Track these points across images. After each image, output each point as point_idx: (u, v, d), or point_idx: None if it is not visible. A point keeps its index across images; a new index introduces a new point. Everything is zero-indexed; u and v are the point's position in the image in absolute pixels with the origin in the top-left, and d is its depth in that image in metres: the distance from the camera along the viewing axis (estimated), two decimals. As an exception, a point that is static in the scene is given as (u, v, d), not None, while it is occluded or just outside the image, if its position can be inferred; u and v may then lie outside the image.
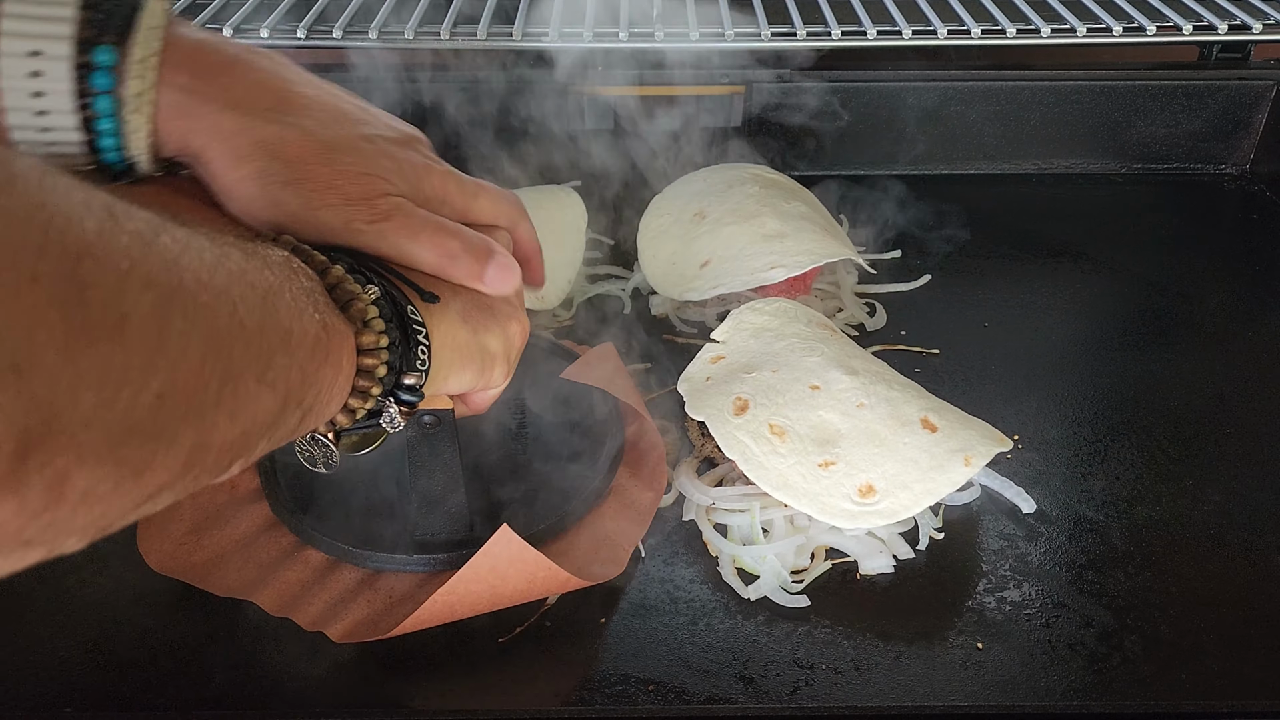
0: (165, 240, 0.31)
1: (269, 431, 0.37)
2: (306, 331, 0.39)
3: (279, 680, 0.58)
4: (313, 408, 0.42)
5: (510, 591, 0.58)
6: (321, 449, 0.51)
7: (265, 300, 0.36)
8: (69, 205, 0.27)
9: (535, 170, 1.04)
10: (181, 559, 0.63)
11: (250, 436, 0.36)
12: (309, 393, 0.40)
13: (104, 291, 0.27)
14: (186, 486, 0.34)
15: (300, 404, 0.40)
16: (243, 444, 0.35)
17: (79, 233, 0.27)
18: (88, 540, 0.31)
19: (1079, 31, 1.00)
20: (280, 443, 0.41)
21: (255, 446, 0.37)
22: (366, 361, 0.45)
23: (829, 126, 1.06)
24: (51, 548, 0.29)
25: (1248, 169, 1.12)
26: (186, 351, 0.30)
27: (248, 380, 0.34)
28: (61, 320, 0.26)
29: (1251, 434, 0.76)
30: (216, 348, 0.32)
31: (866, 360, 0.73)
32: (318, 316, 0.41)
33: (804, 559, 0.65)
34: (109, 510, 0.30)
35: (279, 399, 0.37)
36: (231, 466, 0.36)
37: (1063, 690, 0.57)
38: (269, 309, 0.36)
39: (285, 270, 0.40)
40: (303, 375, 0.39)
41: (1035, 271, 0.96)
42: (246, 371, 0.34)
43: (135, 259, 0.29)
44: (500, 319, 0.56)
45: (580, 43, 1.00)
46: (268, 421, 0.37)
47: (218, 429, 0.33)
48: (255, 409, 0.35)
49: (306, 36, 0.99)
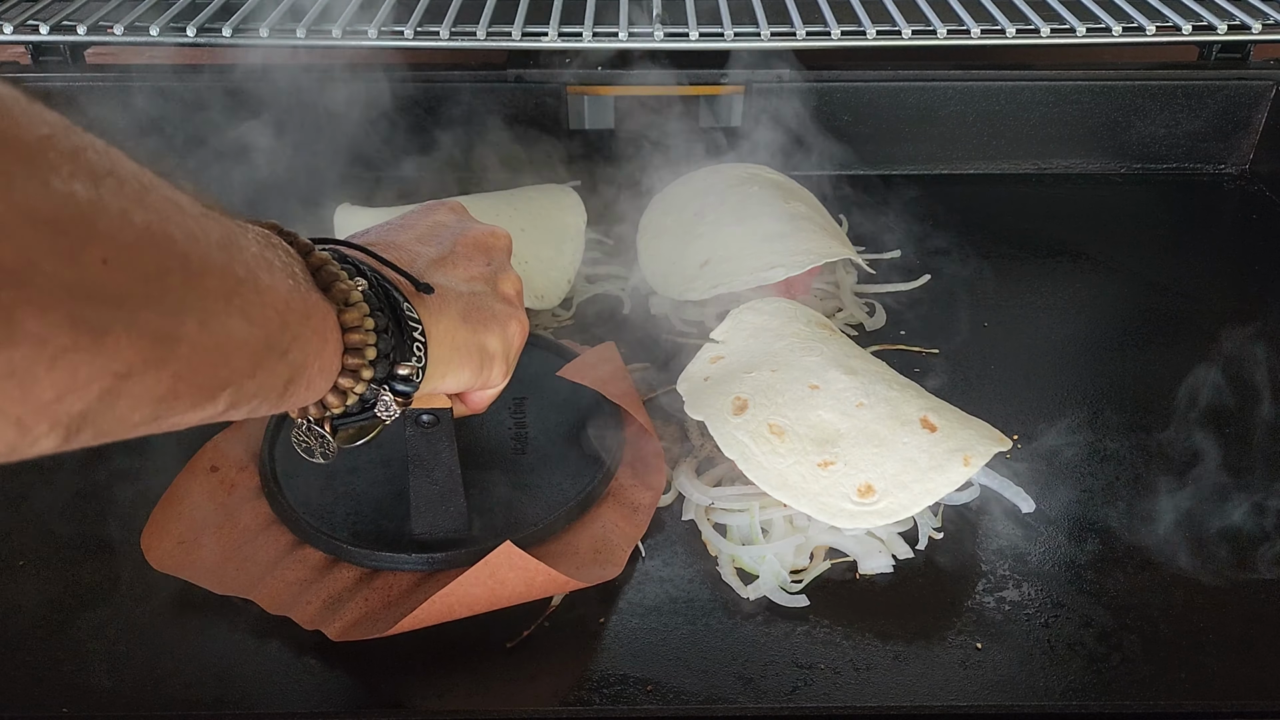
0: (89, 136, 0.32)
1: (253, 369, 0.38)
2: (277, 285, 0.40)
3: (278, 680, 0.58)
4: (302, 368, 0.42)
5: (509, 594, 0.58)
6: (318, 439, 0.51)
7: (226, 238, 0.37)
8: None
9: (535, 170, 1.05)
10: (181, 557, 0.63)
11: (230, 359, 0.36)
12: (294, 347, 0.41)
13: (21, 145, 0.28)
14: (165, 390, 0.34)
15: (285, 355, 0.40)
16: (222, 361, 0.36)
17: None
18: (61, 433, 0.31)
19: (1078, 31, 1.00)
20: (275, 398, 0.41)
21: (241, 380, 0.38)
22: (354, 338, 0.45)
23: (828, 126, 1.06)
24: (19, 424, 0.29)
25: (1247, 169, 1.12)
26: (124, 225, 0.31)
27: (212, 295, 0.35)
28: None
29: (1251, 434, 0.76)
30: (164, 236, 0.33)
31: (866, 360, 0.73)
32: (291, 283, 0.41)
33: (803, 559, 0.65)
34: (75, 378, 0.30)
35: (258, 334, 0.38)
36: (219, 394, 0.37)
37: (1062, 690, 0.57)
38: (229, 245, 0.37)
39: (261, 239, 0.41)
40: (282, 322, 0.40)
41: (1035, 271, 0.96)
42: (208, 282, 0.35)
43: (54, 130, 0.30)
44: (500, 319, 0.56)
45: (580, 42, 1.00)
46: (249, 355, 0.37)
47: (185, 328, 0.34)
48: (229, 329, 0.36)
49: (306, 36, 0.99)
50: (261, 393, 0.40)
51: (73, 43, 1.03)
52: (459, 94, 1.03)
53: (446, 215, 0.61)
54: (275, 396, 0.41)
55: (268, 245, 0.41)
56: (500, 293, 0.58)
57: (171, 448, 0.70)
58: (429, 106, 1.03)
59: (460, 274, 0.56)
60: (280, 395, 0.42)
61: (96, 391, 0.31)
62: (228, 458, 0.70)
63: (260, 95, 1.05)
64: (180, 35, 0.98)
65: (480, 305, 0.55)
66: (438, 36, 0.99)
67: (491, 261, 0.59)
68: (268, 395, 0.40)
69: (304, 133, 1.05)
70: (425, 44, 0.99)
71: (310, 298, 0.43)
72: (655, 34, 0.99)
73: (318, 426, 0.51)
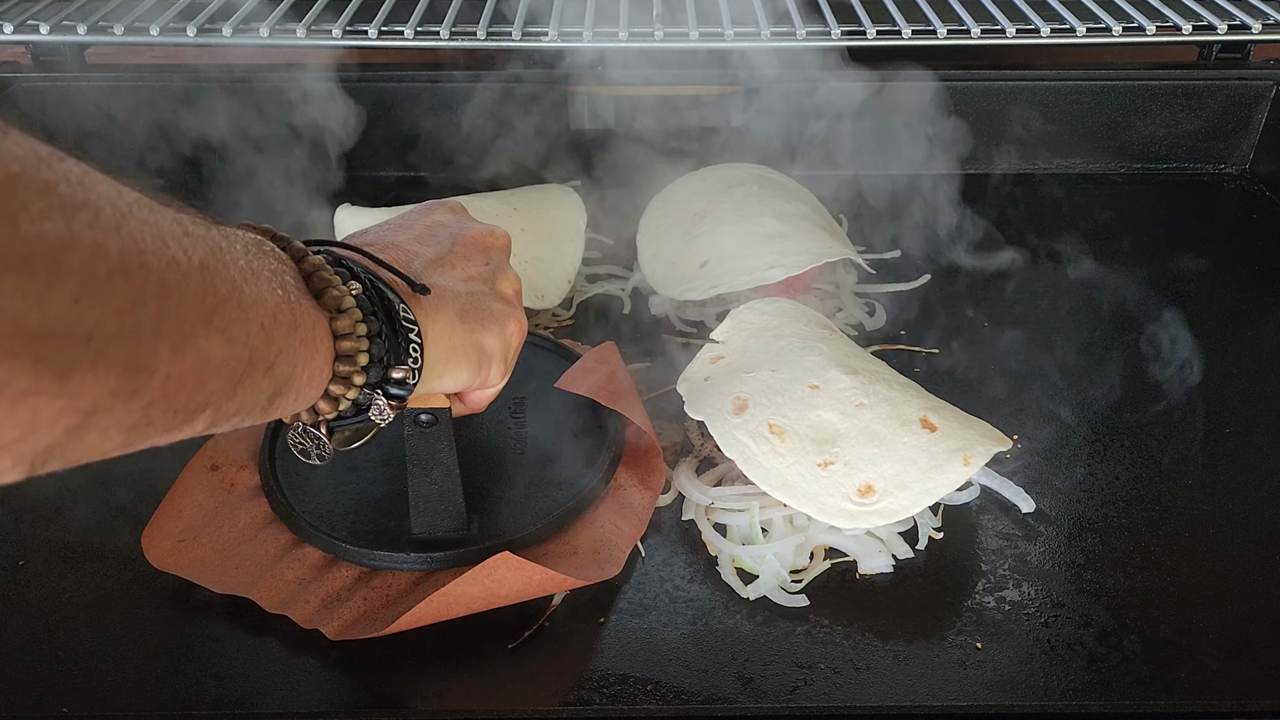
0: (66, 164, 0.31)
1: (233, 388, 0.37)
2: (264, 298, 0.39)
3: (278, 680, 0.58)
4: (289, 380, 0.42)
5: (506, 594, 0.58)
6: (313, 441, 0.52)
7: (209, 255, 0.36)
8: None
9: (535, 170, 1.05)
10: (181, 555, 0.63)
11: (208, 382, 0.36)
12: (281, 361, 0.40)
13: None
14: (137, 419, 0.33)
15: (270, 370, 0.40)
16: (198, 387, 0.35)
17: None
18: (25, 467, 0.30)
19: (1079, 31, 1.00)
20: (259, 411, 0.41)
21: (220, 401, 0.37)
22: (345, 345, 0.45)
23: (828, 126, 1.06)
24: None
25: (1247, 169, 1.12)
26: (97, 258, 0.30)
27: (190, 318, 0.34)
28: None
29: (1251, 434, 0.76)
30: (138, 265, 0.32)
31: (866, 360, 0.73)
32: (280, 293, 0.41)
33: (803, 558, 0.65)
34: (37, 419, 0.29)
35: (239, 353, 0.37)
36: (196, 416, 0.36)
37: (1062, 690, 0.57)
38: (215, 260, 0.36)
39: (251, 248, 0.40)
40: (267, 338, 0.39)
41: (1035, 271, 0.96)
42: (185, 309, 0.34)
43: (25, 166, 0.29)
44: (498, 318, 0.56)
45: (580, 42, 1.00)
46: (228, 375, 0.37)
47: (159, 357, 0.33)
48: (207, 352, 0.35)
49: (306, 36, 0.99)
50: (244, 409, 0.39)
51: (73, 43, 1.03)
52: (459, 94, 1.03)
53: (445, 215, 0.61)
54: (259, 411, 0.41)
55: (258, 254, 0.41)
56: (499, 292, 0.58)
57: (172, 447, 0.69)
58: (429, 106, 1.03)
59: (458, 274, 0.56)
60: (265, 409, 0.41)
61: (62, 428, 0.30)
62: (228, 456, 0.70)
63: (260, 95, 1.05)
64: (180, 35, 0.98)
65: (478, 305, 0.55)
66: (438, 36, 0.99)
67: (490, 261, 0.59)
68: (250, 411, 0.40)
69: (303, 133, 1.06)
70: (425, 44, 0.99)
71: (300, 307, 0.42)
72: (655, 34, 0.99)
73: (312, 429, 0.51)
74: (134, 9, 1.01)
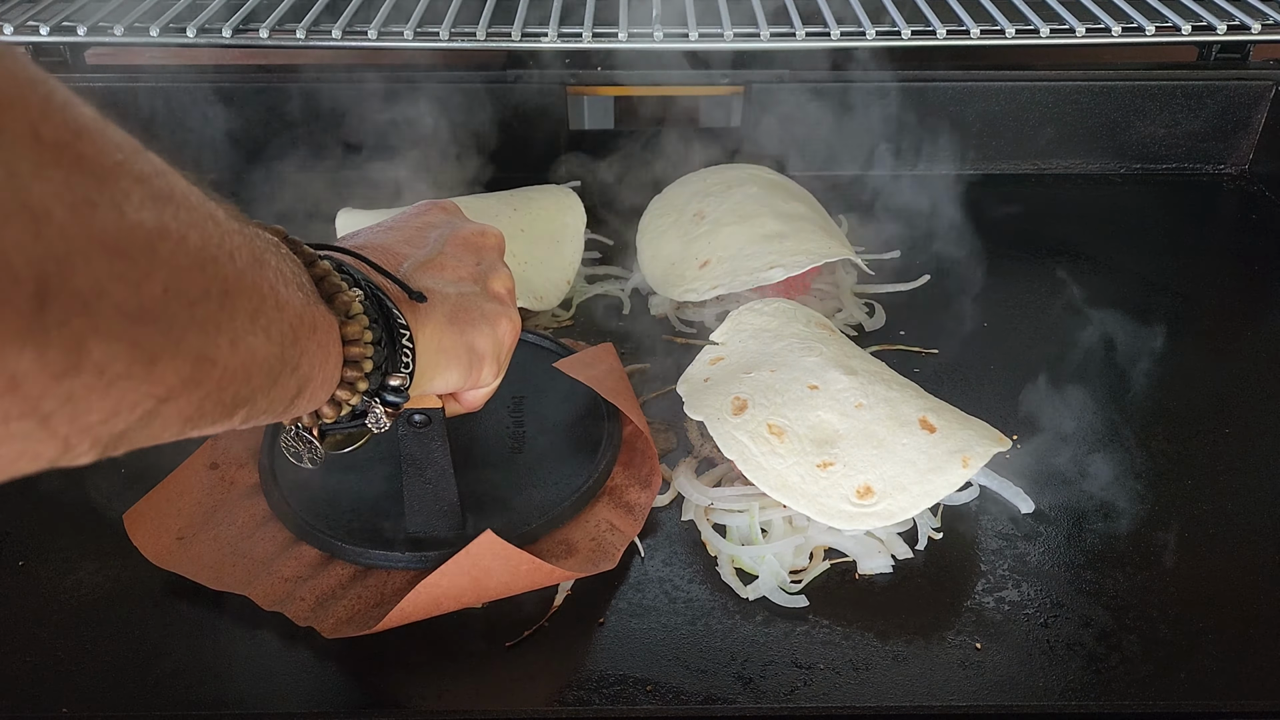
0: (151, 156, 0.32)
1: (268, 383, 0.38)
2: (292, 300, 0.40)
3: (278, 680, 0.58)
4: (308, 382, 0.42)
5: (495, 585, 0.58)
6: (307, 445, 0.52)
7: (254, 254, 0.37)
8: (65, 90, 0.29)
9: (534, 170, 1.05)
10: (178, 552, 0.63)
11: (251, 376, 0.37)
12: (304, 362, 0.41)
13: (101, 171, 0.29)
14: (193, 411, 0.34)
15: (295, 370, 0.40)
16: (244, 380, 0.36)
17: (77, 113, 0.29)
18: (99, 450, 0.31)
19: (1078, 32, 1.00)
20: (281, 411, 0.41)
21: (257, 397, 0.38)
22: (353, 351, 0.45)
23: (828, 127, 1.06)
24: (66, 442, 0.29)
25: (1247, 169, 1.12)
26: (181, 250, 0.31)
27: (241, 314, 0.35)
28: (64, 182, 0.27)
29: (1250, 434, 0.76)
30: (211, 259, 0.33)
31: (865, 360, 0.73)
32: (302, 295, 0.42)
33: (802, 559, 0.65)
34: (122, 403, 0.30)
35: (274, 349, 0.38)
36: (237, 411, 0.37)
37: (1061, 690, 0.57)
38: (256, 261, 0.37)
39: (274, 249, 0.41)
40: (294, 336, 0.40)
41: (1035, 271, 0.96)
42: (239, 302, 0.35)
43: (127, 155, 0.30)
44: (490, 318, 0.56)
45: (580, 43, 1.00)
46: (265, 369, 0.37)
47: (220, 350, 0.34)
48: (253, 347, 0.36)
49: (306, 37, 0.99)
50: (273, 407, 0.40)
51: (73, 43, 1.03)
52: (459, 94, 1.03)
53: (437, 215, 0.61)
54: (282, 409, 0.41)
55: (281, 256, 0.41)
56: (491, 291, 0.58)
57: (172, 447, 0.70)
58: (429, 107, 1.03)
59: (448, 275, 0.56)
60: (287, 408, 0.42)
61: (139, 414, 0.31)
62: (228, 455, 0.70)
63: (260, 96, 1.05)
64: (180, 35, 0.98)
65: (468, 305, 0.55)
66: (437, 37, 0.99)
67: (481, 261, 0.59)
68: (275, 409, 0.41)
69: (302, 134, 1.06)
70: (425, 45, 0.99)
71: (317, 310, 0.43)
72: (655, 34, 1.00)
73: (306, 433, 0.51)
74: (134, 9, 1.02)
